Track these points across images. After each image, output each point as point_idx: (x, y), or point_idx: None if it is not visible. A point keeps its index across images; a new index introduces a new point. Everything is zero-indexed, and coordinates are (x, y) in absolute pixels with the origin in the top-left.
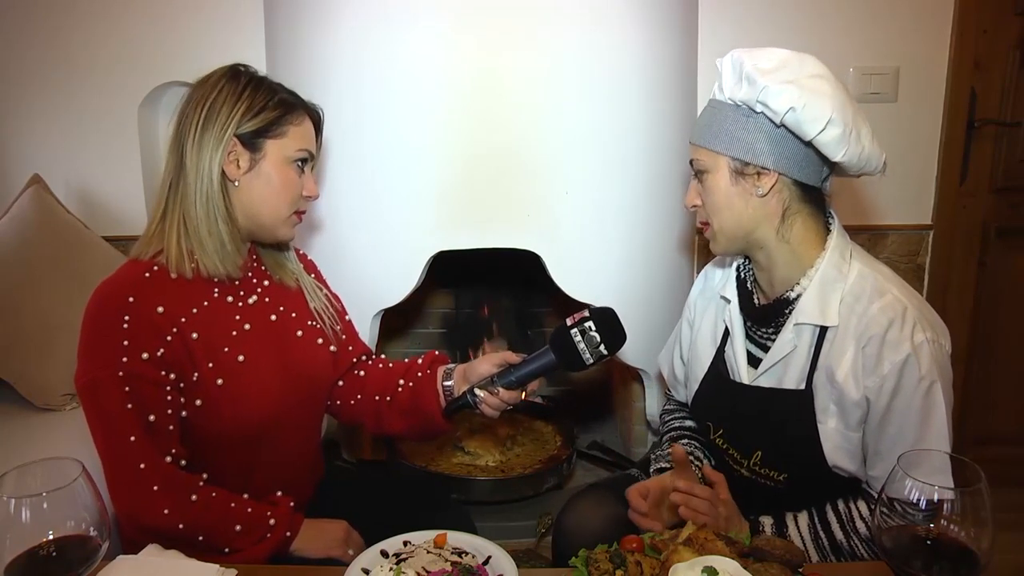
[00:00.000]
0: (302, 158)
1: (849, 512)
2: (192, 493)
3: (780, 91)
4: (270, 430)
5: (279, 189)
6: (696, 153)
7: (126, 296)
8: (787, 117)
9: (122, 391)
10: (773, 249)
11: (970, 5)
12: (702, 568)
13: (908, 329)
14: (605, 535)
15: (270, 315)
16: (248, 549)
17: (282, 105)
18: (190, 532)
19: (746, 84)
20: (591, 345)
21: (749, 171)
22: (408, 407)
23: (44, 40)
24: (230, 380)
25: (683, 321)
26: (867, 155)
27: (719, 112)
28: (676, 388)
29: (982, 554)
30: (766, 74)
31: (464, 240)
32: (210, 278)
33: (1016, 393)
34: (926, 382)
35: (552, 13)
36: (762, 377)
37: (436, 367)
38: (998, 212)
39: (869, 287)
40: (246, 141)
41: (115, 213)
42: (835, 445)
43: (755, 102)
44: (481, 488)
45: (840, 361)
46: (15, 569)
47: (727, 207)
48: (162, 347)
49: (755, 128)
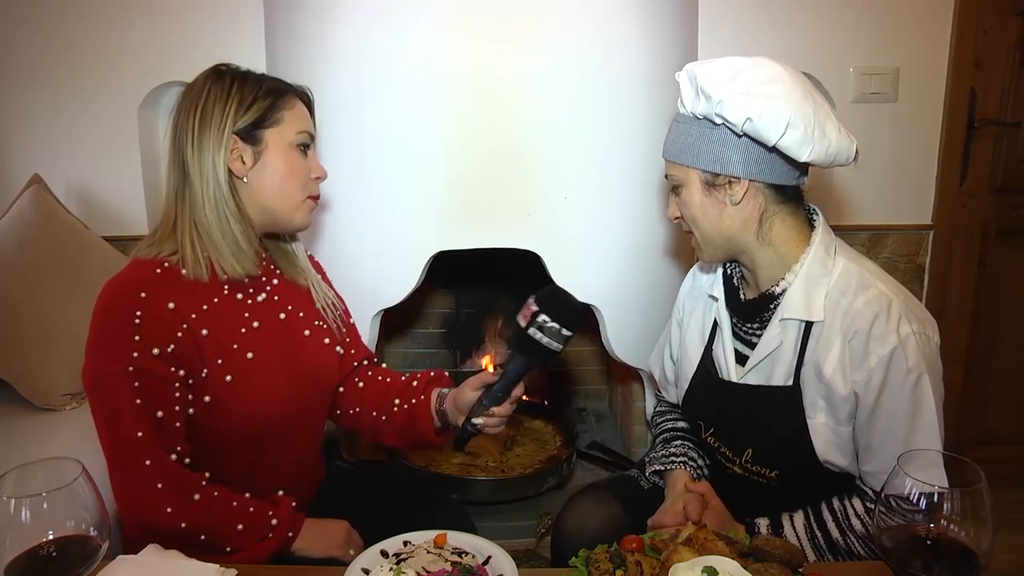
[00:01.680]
0: (303, 141)
1: (844, 510)
2: (195, 492)
3: (734, 103)
4: (276, 428)
5: (287, 175)
6: (669, 168)
7: (138, 292)
8: (746, 127)
9: (132, 386)
10: (755, 252)
11: (970, 5)
12: (702, 568)
13: (894, 322)
14: (605, 535)
15: (279, 314)
16: (250, 549)
17: (271, 93)
18: (192, 531)
19: (703, 98)
20: (553, 335)
21: (720, 181)
22: (403, 427)
23: (44, 40)
24: (239, 377)
25: (672, 321)
26: (835, 150)
27: (684, 126)
28: (667, 389)
29: (982, 554)
30: (720, 87)
31: (464, 240)
32: (227, 278)
33: (1016, 393)
34: (913, 374)
35: (552, 13)
36: (750, 374)
37: (431, 391)
38: (998, 212)
39: (854, 282)
40: (245, 136)
41: (115, 213)
42: (825, 440)
43: (714, 115)
44: (481, 488)
45: (827, 356)
46: (15, 569)
47: (703, 217)
48: (172, 343)
49: (719, 139)
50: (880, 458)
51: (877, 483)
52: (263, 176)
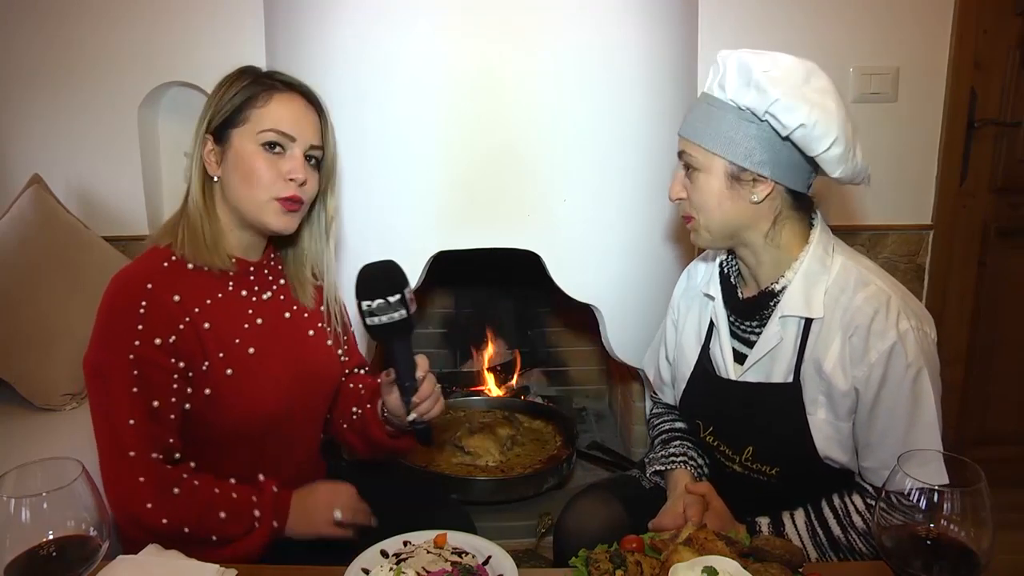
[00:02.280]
0: (269, 140)
1: (845, 507)
2: (175, 487)
3: (792, 106)
4: (276, 425)
5: (248, 176)
6: (688, 148)
7: (144, 283)
8: (796, 132)
9: (130, 375)
10: (759, 249)
11: (970, 5)
12: (702, 568)
13: (893, 318)
14: (606, 535)
15: (284, 312)
16: (240, 541)
17: (247, 91)
18: (174, 527)
19: (754, 91)
20: (385, 309)
21: (746, 177)
22: (362, 435)
23: (44, 40)
24: (240, 371)
25: (667, 322)
26: (859, 170)
27: (718, 112)
28: (663, 390)
29: (982, 554)
30: (777, 84)
31: (464, 240)
32: (223, 271)
33: (1016, 393)
34: (913, 369)
35: (553, 13)
36: (749, 372)
37: (376, 400)
38: (998, 212)
39: (852, 279)
40: (217, 135)
41: (115, 213)
42: (826, 436)
43: (763, 112)
44: (481, 488)
45: (827, 352)
46: (15, 569)
47: (717, 208)
48: (174, 335)
49: (756, 135)
50: (880, 453)
51: (877, 479)
52: (230, 176)
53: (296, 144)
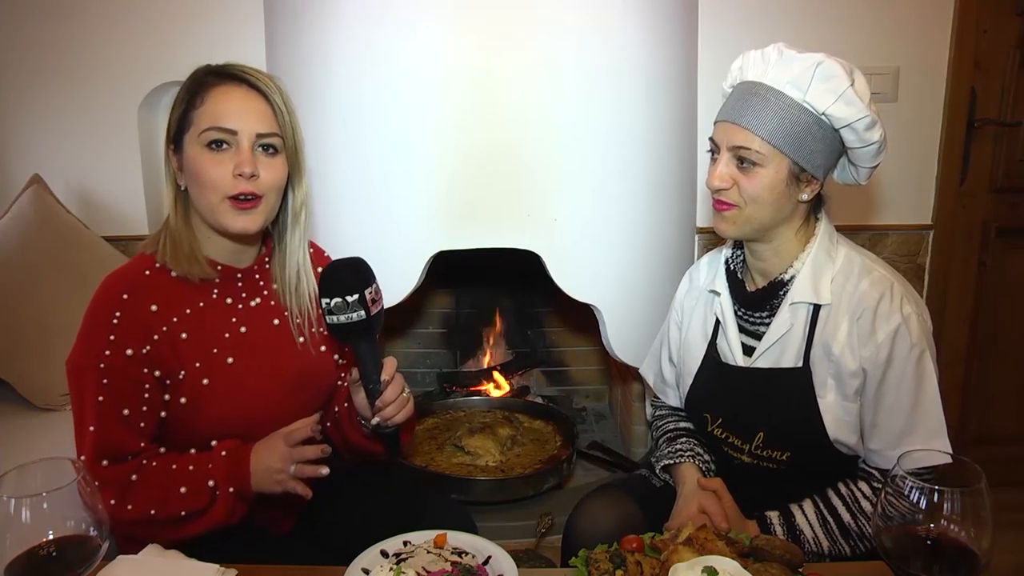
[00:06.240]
0: (212, 139)
1: (853, 494)
2: (132, 474)
3: (877, 125)
4: (263, 431)
5: (196, 179)
6: (750, 141)
7: (121, 293)
8: (869, 148)
9: (99, 383)
10: (782, 243)
11: (970, 5)
12: (702, 568)
13: (897, 301)
14: (617, 536)
15: (272, 319)
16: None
17: (187, 93)
18: (141, 512)
19: (843, 104)
20: (344, 308)
21: (804, 177)
22: (339, 434)
23: (44, 41)
24: (216, 380)
25: (669, 325)
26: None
27: (792, 113)
28: (665, 392)
29: (982, 554)
30: (862, 99)
31: (464, 240)
32: (205, 280)
33: (1016, 393)
34: (917, 350)
35: (552, 13)
36: (760, 360)
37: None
38: (998, 212)
39: (857, 267)
40: (176, 145)
41: (115, 213)
42: (835, 418)
43: (846, 125)
44: (481, 488)
45: (835, 336)
46: (15, 569)
47: (771, 203)
48: (148, 345)
49: (822, 140)
50: (885, 433)
51: (883, 461)
52: (190, 184)
53: (240, 136)
